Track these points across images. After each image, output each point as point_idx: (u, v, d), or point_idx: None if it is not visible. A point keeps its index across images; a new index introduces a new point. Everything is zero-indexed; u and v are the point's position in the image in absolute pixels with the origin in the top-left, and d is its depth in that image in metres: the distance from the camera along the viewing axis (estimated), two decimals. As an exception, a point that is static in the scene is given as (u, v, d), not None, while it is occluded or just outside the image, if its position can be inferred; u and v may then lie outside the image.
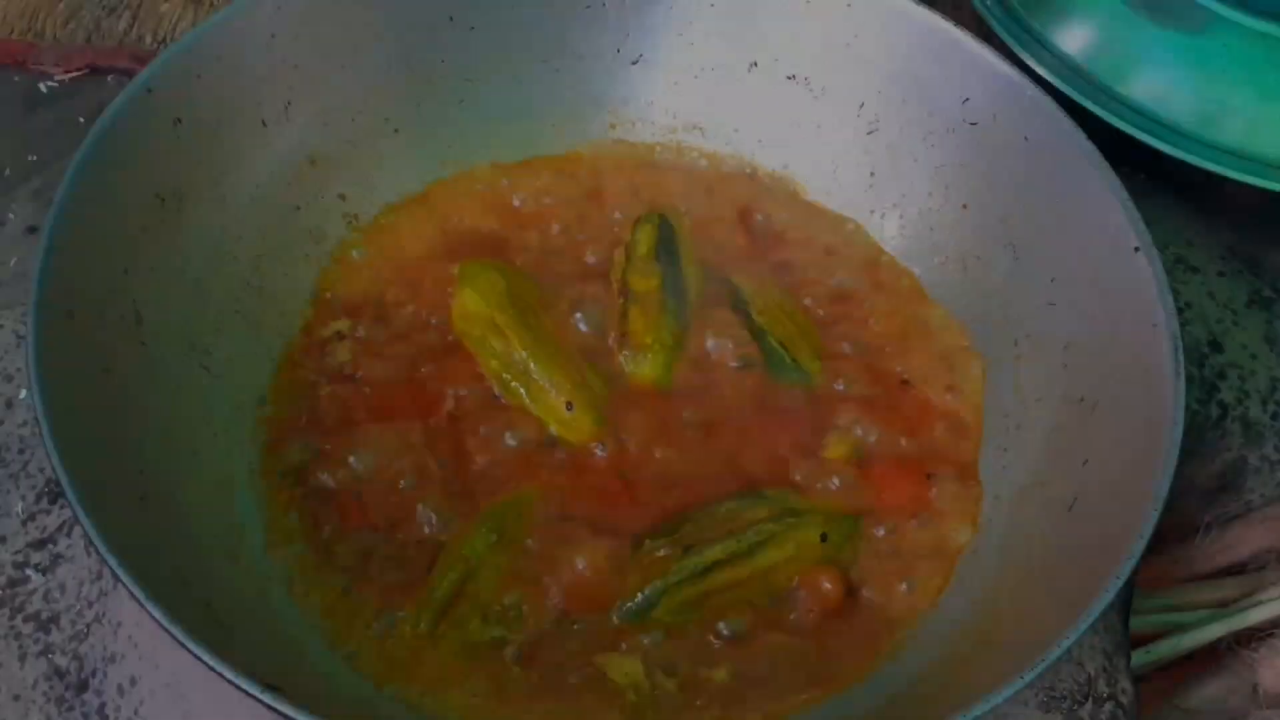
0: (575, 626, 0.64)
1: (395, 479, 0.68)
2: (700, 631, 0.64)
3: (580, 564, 0.65)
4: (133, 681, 0.64)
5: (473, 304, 0.73)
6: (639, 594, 0.64)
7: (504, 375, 0.71)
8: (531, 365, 0.71)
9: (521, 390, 0.71)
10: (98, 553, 0.53)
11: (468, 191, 0.80)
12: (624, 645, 0.63)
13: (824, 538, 0.67)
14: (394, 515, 0.66)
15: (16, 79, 0.90)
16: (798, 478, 0.70)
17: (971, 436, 0.73)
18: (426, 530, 0.66)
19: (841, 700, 0.63)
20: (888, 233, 0.80)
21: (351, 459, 0.68)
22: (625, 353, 0.73)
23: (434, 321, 0.74)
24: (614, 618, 0.64)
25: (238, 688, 0.51)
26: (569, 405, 0.70)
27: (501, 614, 0.64)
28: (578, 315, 0.74)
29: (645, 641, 0.64)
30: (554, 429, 0.70)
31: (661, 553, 0.65)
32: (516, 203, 0.80)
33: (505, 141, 0.81)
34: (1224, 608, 0.77)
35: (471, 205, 0.80)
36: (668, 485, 0.69)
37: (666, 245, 0.77)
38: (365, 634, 0.63)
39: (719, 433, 0.71)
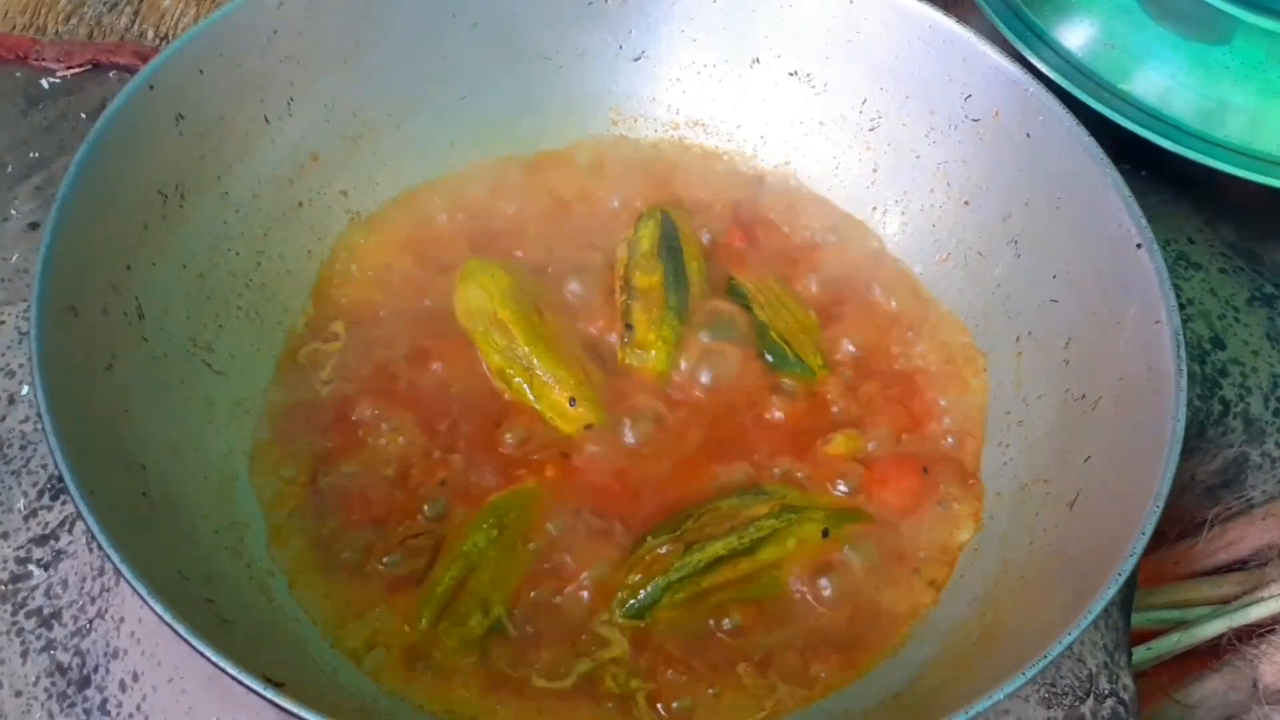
0: (577, 623, 0.64)
1: (397, 475, 0.68)
2: (702, 628, 0.64)
3: (582, 560, 0.65)
4: (135, 677, 0.64)
5: (476, 300, 0.73)
6: (641, 591, 0.64)
7: (507, 371, 0.71)
8: (534, 361, 0.70)
9: (524, 386, 0.71)
10: (100, 548, 0.53)
11: (470, 188, 0.80)
12: (626, 642, 0.63)
13: (825, 534, 0.67)
14: (395, 511, 0.66)
15: (18, 75, 0.90)
16: (799, 474, 0.70)
17: (973, 433, 0.73)
18: (428, 526, 0.66)
19: (844, 696, 0.63)
20: (889, 229, 0.80)
21: (353, 455, 0.68)
22: (628, 349, 0.73)
23: (436, 317, 0.74)
24: (616, 614, 0.64)
25: (240, 683, 0.51)
26: (572, 401, 0.70)
27: (502, 610, 0.64)
28: (580, 311, 0.74)
29: (647, 638, 0.64)
30: (557, 424, 0.70)
31: (663, 549, 0.65)
32: (519, 199, 0.80)
33: (507, 138, 0.81)
34: (1225, 604, 0.77)
35: (474, 202, 0.80)
36: (669, 481, 0.69)
37: (669, 242, 0.76)
38: (367, 630, 0.63)
39: (721, 429, 0.71)
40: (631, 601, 0.64)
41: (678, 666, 0.63)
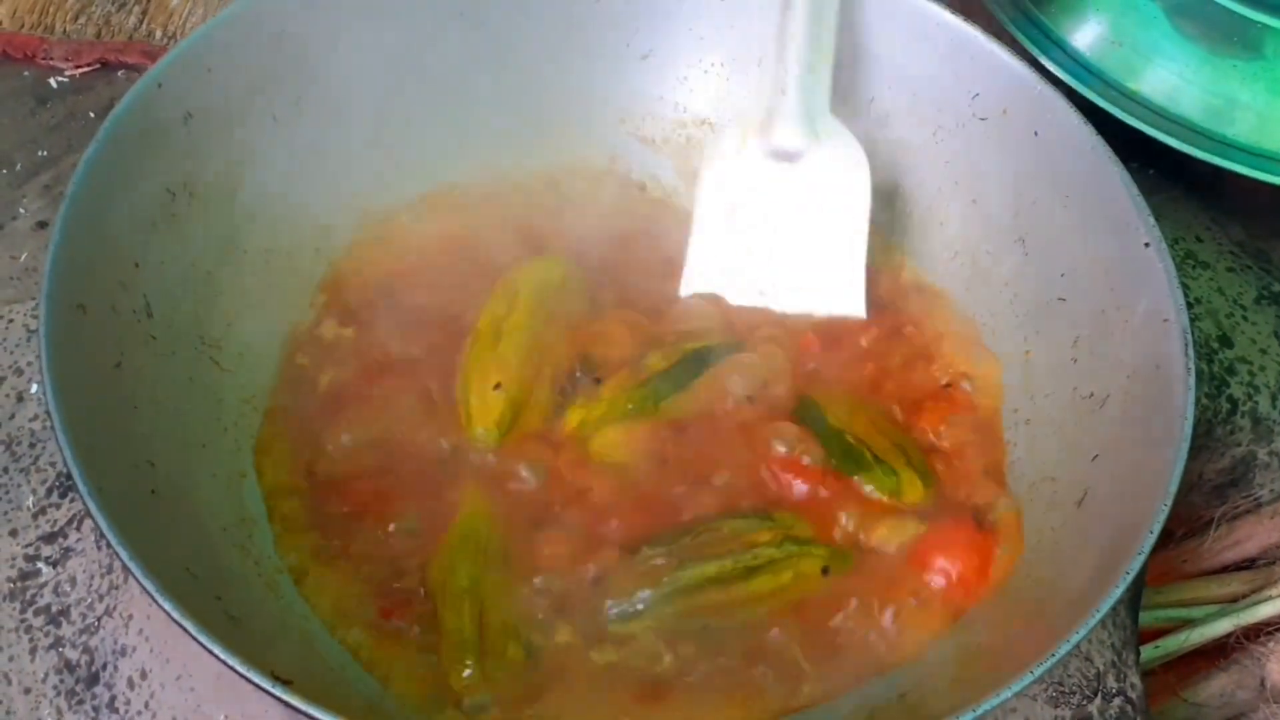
0: (577, 622, 0.63)
1: (404, 472, 0.68)
2: (708, 629, 0.64)
3: (585, 564, 0.65)
4: (143, 675, 0.64)
5: (521, 293, 0.72)
6: (626, 600, 0.63)
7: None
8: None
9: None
10: (109, 546, 0.53)
11: (476, 187, 0.80)
12: (624, 643, 0.63)
13: (825, 571, 0.65)
14: (404, 508, 0.66)
15: (26, 74, 0.90)
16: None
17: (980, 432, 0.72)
18: (415, 544, 0.66)
19: (851, 695, 0.63)
20: (896, 228, 0.80)
21: (362, 453, 0.68)
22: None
23: (444, 317, 0.73)
24: (607, 619, 0.63)
25: (248, 681, 0.51)
26: (497, 385, 0.68)
27: (528, 630, 0.62)
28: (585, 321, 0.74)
29: (643, 640, 0.63)
30: (564, 424, 0.70)
31: (658, 561, 0.64)
32: (524, 198, 0.80)
33: (514, 137, 0.81)
34: (1233, 603, 0.77)
35: (480, 201, 0.80)
36: (675, 493, 0.68)
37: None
38: (374, 627, 0.63)
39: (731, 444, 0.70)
40: (621, 608, 0.63)
41: (683, 662, 0.63)
